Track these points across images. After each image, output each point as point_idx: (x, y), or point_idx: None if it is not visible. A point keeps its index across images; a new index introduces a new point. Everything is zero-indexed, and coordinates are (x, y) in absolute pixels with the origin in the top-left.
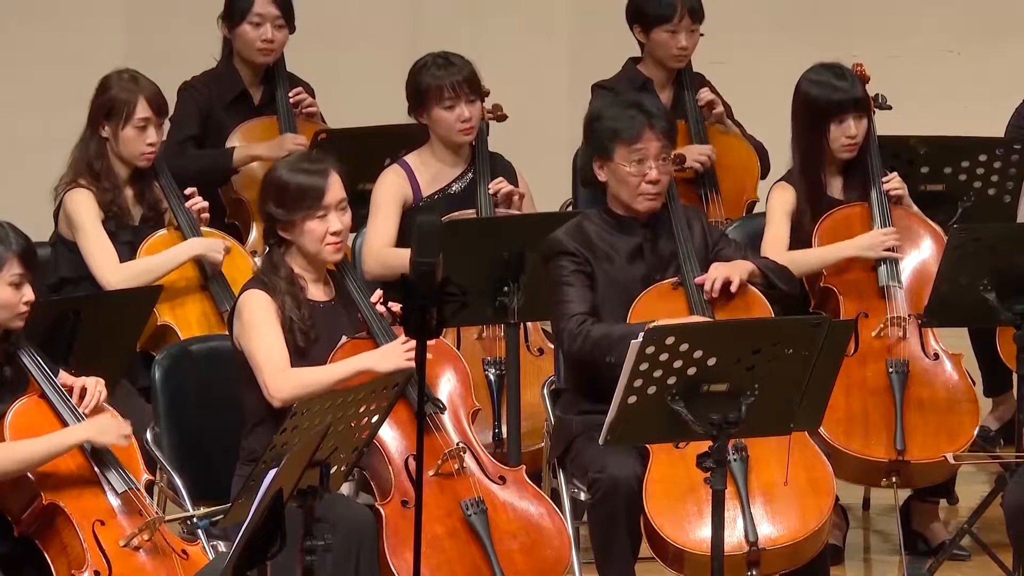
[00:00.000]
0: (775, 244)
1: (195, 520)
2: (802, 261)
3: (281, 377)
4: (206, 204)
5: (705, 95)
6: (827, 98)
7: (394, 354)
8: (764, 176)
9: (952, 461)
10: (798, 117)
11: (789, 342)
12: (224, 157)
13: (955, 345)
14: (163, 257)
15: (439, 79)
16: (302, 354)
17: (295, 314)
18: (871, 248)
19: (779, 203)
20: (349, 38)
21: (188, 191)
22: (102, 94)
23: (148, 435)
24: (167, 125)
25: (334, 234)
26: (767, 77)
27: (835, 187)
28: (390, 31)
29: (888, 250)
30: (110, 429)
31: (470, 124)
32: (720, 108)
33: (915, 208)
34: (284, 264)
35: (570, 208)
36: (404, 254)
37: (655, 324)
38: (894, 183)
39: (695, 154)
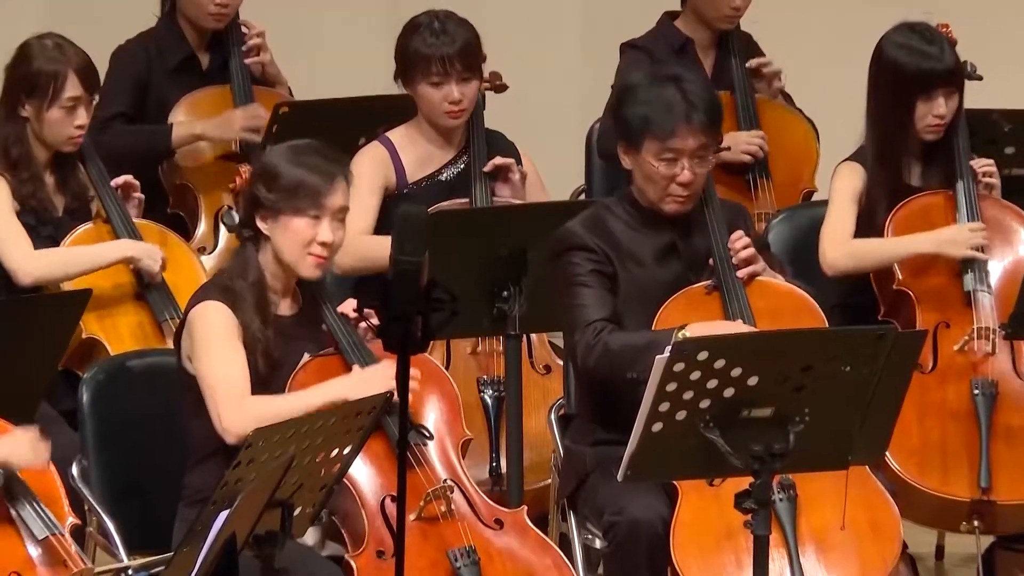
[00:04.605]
0: (838, 234)
1: (130, 572)
2: (868, 252)
3: (238, 408)
4: (136, 183)
5: (765, 63)
6: (916, 68)
7: (374, 381)
8: None
9: None
10: (879, 88)
11: (847, 358)
12: (161, 135)
13: None
14: (89, 251)
15: (429, 48)
16: (263, 382)
17: (262, 333)
18: (954, 244)
19: (845, 186)
20: None
21: (122, 179)
22: (23, 65)
23: (74, 469)
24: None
25: (322, 244)
26: (812, 40)
27: (913, 173)
28: None
29: (975, 249)
30: (25, 448)
31: (460, 107)
32: (781, 83)
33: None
34: (255, 265)
35: (582, 196)
36: (383, 243)
37: (687, 333)
38: (986, 164)
39: (743, 143)
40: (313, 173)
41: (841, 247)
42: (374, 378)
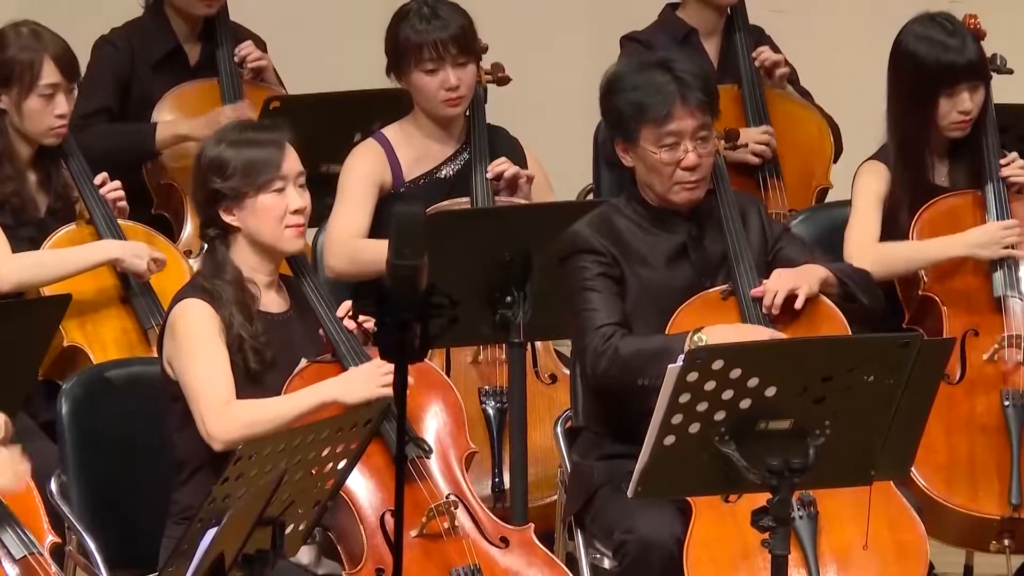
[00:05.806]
0: (863, 238)
1: None
2: (896, 257)
3: (224, 412)
4: (121, 192)
5: (765, 54)
6: (935, 61)
7: (366, 381)
8: (835, 160)
9: None
10: (899, 82)
11: (870, 367)
12: (144, 135)
13: None
14: (70, 253)
15: (420, 35)
16: (255, 380)
17: (246, 330)
18: (986, 245)
19: (869, 187)
20: None
21: (98, 179)
22: None
23: (53, 485)
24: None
25: (296, 212)
26: (838, 31)
27: (939, 172)
28: None
29: (1008, 248)
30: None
31: (457, 94)
32: (785, 69)
33: None
34: (230, 263)
35: (590, 196)
36: (378, 247)
37: (704, 336)
38: (1014, 167)
39: (751, 143)
40: (261, 147)
41: (868, 253)
42: (364, 377)
